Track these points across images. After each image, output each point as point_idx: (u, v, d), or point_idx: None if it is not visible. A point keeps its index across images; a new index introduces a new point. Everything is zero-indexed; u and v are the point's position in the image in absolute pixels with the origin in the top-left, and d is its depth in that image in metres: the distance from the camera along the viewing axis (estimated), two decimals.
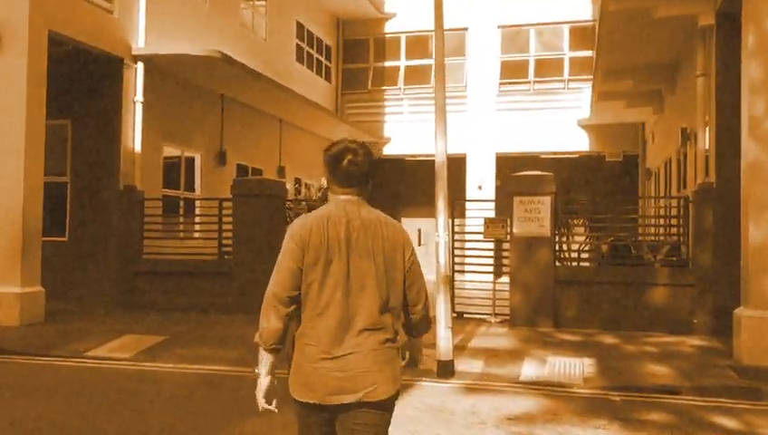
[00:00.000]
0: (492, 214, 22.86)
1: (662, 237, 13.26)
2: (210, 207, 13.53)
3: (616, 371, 7.97)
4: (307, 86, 19.88)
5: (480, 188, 22.33)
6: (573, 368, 8.02)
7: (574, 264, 11.72)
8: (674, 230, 12.24)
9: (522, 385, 7.46)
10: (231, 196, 12.17)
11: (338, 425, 2.89)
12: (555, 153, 22.76)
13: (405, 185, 25.13)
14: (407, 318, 3.08)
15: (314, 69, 21.75)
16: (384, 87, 23.72)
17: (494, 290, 11.28)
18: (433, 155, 8.44)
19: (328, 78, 22.91)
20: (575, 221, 12.33)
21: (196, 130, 15.48)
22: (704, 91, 10.80)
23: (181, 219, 14.73)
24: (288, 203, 12.86)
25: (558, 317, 10.74)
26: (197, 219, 14.79)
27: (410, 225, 21.04)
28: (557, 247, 11.11)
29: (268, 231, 11.87)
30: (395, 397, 2.92)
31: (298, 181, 19.41)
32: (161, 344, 9.34)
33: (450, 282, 7.76)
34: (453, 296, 7.58)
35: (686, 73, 13.35)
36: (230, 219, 12.16)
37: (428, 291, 3.19)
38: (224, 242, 12.60)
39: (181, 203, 14.91)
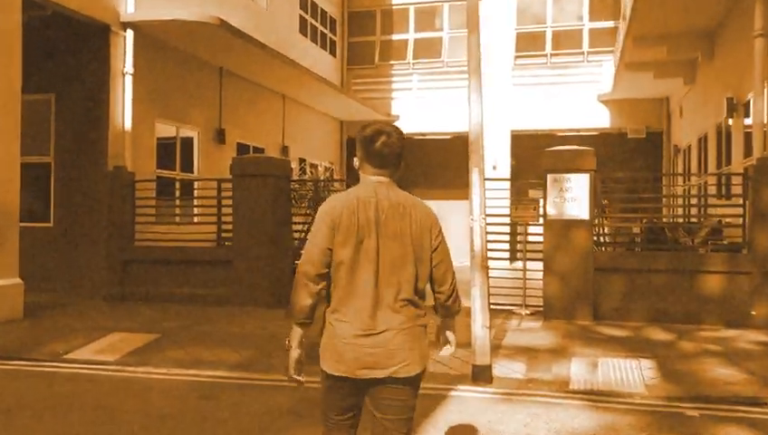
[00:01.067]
0: (505, 191, 21.86)
1: (698, 220, 12.06)
2: (208, 189, 12.36)
3: (680, 375, 6.82)
4: (311, 60, 18.62)
5: (495, 168, 21.09)
6: (631, 372, 6.88)
7: (613, 249, 10.53)
8: (721, 211, 11.05)
9: (574, 394, 6.33)
10: (230, 176, 10.99)
11: (368, 399, 3.04)
12: (573, 130, 21.54)
13: (414, 165, 23.90)
14: (435, 299, 3.19)
15: (318, 42, 20.48)
16: (392, 61, 22.46)
17: (525, 278, 10.12)
18: (445, 133, 7.37)
19: (333, 52, 21.64)
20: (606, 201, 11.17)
21: (193, 105, 14.28)
22: (764, 53, 9.56)
23: (177, 203, 13.56)
24: (293, 184, 11.69)
25: (598, 309, 9.60)
26: (195, 203, 13.64)
27: None
28: (596, 231, 9.93)
29: (272, 214, 10.71)
30: (422, 373, 3.03)
31: (303, 162, 18.21)
32: (153, 344, 8.21)
33: (487, 272, 6.62)
34: (489, 289, 6.51)
35: (733, 36, 12.12)
36: (230, 202, 11.01)
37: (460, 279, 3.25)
38: (223, 227, 11.45)
39: (177, 185, 13.73)
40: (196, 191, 13.95)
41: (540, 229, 10.38)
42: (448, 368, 7.04)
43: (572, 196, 9.61)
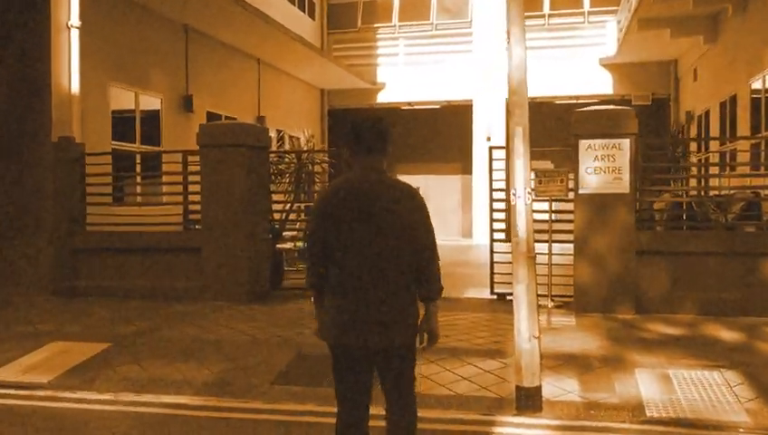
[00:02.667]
0: (500, 165, 20.25)
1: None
2: (173, 162, 10.58)
3: None
4: (287, 22, 16.72)
5: (489, 139, 19.47)
6: (717, 389, 5.33)
7: (658, 228, 8.98)
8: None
9: (655, 425, 4.78)
10: (198, 147, 9.24)
11: (375, 366, 3.39)
12: (573, 97, 19.96)
13: (401, 137, 22.15)
14: (419, 282, 3.39)
15: (296, 2, 18.59)
16: (376, 24, 20.62)
17: (550, 264, 8.53)
18: (434, 103, 5.83)
19: (312, 14, 19.76)
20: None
21: (155, 68, 12.43)
22: None
23: (138, 180, 11.75)
24: (272, 156, 9.97)
25: (641, 299, 8.05)
26: (159, 180, 11.86)
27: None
28: (638, 207, 8.36)
29: (248, 192, 9.00)
30: (414, 341, 3.38)
31: (280, 133, 16.43)
32: (101, 357, 6.51)
33: (534, 265, 5.02)
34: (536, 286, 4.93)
35: None
36: (197, 179, 9.27)
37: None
38: (191, 208, 9.72)
39: (138, 160, 11.91)
40: (162, 167, 12.16)
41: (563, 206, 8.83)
42: (483, 388, 5.44)
43: (611, 165, 8.01)
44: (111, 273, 9.67)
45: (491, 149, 9.49)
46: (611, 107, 8.41)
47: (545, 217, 8.68)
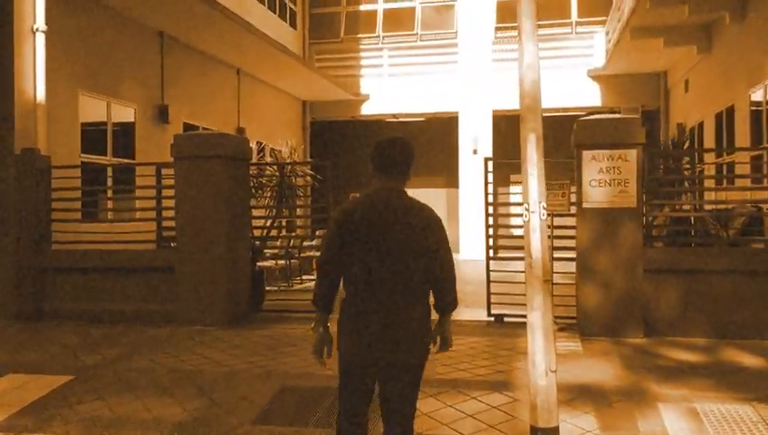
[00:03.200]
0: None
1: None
2: (147, 175, 9.91)
3: None
4: (268, 31, 16.13)
5: (475, 151, 19.02)
6: (753, 427, 4.77)
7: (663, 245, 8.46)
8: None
9: None
10: (173, 159, 8.60)
11: (379, 382, 3.39)
12: (561, 109, 19.57)
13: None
14: (435, 296, 3.51)
15: (277, 11, 18.03)
16: (360, 35, 20.12)
17: (551, 282, 7.95)
18: (419, 115, 5.38)
19: (293, 23, 19.21)
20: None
21: (128, 75, 11.77)
22: None
23: (110, 195, 11.06)
24: (253, 168, 9.35)
25: (650, 321, 7.52)
26: (132, 194, 11.18)
27: None
28: (646, 222, 7.84)
29: (226, 207, 8.37)
30: (424, 362, 3.42)
31: (261, 145, 15.80)
32: (61, 393, 5.83)
33: (550, 290, 4.46)
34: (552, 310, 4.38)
35: None
36: (172, 193, 8.62)
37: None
38: (165, 225, 9.07)
39: (109, 173, 11.22)
40: (136, 181, 11.48)
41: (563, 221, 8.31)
42: (492, 428, 4.84)
43: (617, 177, 7.49)
44: (80, 294, 8.98)
45: (486, 160, 8.95)
46: (617, 115, 8.00)
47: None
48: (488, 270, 8.58)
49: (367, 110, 19.71)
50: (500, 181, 20.14)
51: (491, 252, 8.86)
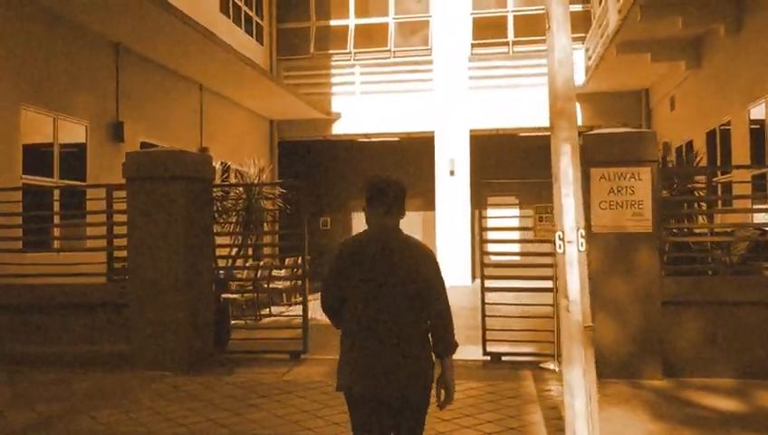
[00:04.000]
0: (465, 200, 18.92)
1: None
2: (100, 199, 8.81)
3: None
4: (233, 46, 15.21)
5: (452, 173, 18.21)
6: None
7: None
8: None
9: None
10: (125, 179, 7.55)
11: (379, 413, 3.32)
12: (539, 130, 18.90)
13: (357, 171, 20.76)
14: (434, 339, 3.42)
15: (242, 25, 17.09)
16: (331, 51, 19.25)
17: (556, 317, 7.07)
18: (392, 135, 4.87)
19: (259, 39, 18.27)
20: None
21: (79, 89, 10.69)
22: None
23: (56, 222, 9.90)
24: (217, 190, 8.35)
25: (670, 360, 6.66)
26: (82, 220, 10.06)
27: (363, 220, 15.93)
28: (663, 248, 7.00)
29: (186, 234, 7.34)
30: (427, 398, 3.38)
31: (225, 166, 14.76)
32: None
33: (591, 343, 3.53)
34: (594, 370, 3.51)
35: None
36: (125, 219, 7.56)
37: None
38: (117, 255, 8.01)
39: (56, 197, 10.07)
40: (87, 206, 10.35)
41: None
42: None
43: (629, 198, 6.66)
44: (19, 335, 7.85)
45: (483, 183, 8.03)
46: (629, 129, 7.12)
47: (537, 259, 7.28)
48: (483, 303, 7.66)
49: (338, 129, 18.79)
50: (478, 204, 19.38)
51: (473, 279, 7.93)
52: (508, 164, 20.11)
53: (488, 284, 7.66)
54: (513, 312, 8.02)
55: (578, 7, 18.44)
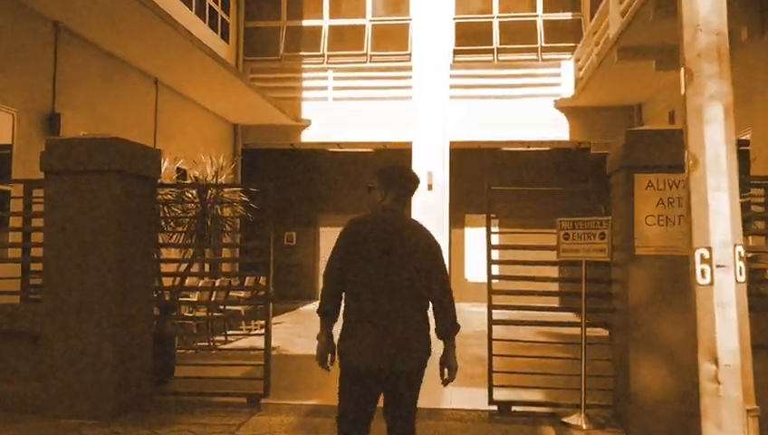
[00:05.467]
0: (444, 217, 17.57)
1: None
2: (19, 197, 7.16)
3: None
4: None
5: (430, 187, 16.83)
6: None
7: None
8: None
9: None
10: (44, 173, 5.96)
11: (381, 386, 3.57)
12: (524, 143, 17.70)
13: (326, 184, 19.25)
14: (436, 320, 3.67)
15: (207, 20, 15.55)
16: (302, 52, 17.78)
17: (583, 359, 5.65)
18: (366, 145, 4.85)
19: (225, 36, 16.74)
20: None
21: (5, 73, 9.05)
22: None
23: None
24: (163, 191, 6.79)
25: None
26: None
27: (332, 236, 13.92)
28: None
29: (122, 245, 5.76)
30: (423, 367, 3.60)
31: (181, 171, 13.13)
32: None
33: (754, 426, 2.20)
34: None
35: None
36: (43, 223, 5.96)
37: None
38: (34, 268, 6.40)
39: None
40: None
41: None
42: None
43: (683, 212, 5.30)
44: None
45: (491, 188, 6.63)
46: (672, 127, 5.79)
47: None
48: (490, 339, 6.19)
49: (308, 137, 17.28)
50: (455, 222, 18.02)
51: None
52: (491, 181, 18.81)
53: (497, 315, 6.19)
54: (522, 350, 6.58)
55: (567, 15, 17.34)
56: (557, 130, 16.85)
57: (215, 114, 15.93)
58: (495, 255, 6.41)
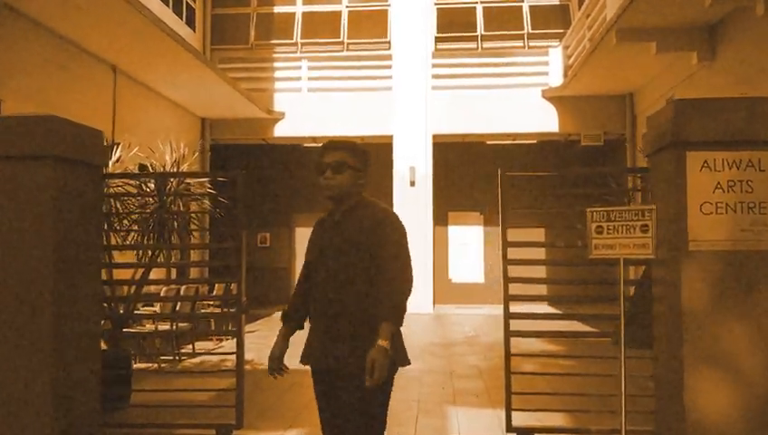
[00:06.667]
0: (427, 214, 16.57)
1: None
2: None
3: None
4: None
5: (413, 183, 15.88)
6: None
7: None
8: None
9: None
10: None
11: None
12: (510, 135, 16.82)
13: (301, 181, 18.17)
14: (376, 301, 3.12)
15: (171, 5, 14.40)
16: (274, 41, 16.72)
17: (623, 374, 4.69)
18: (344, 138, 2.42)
19: (191, 23, 15.60)
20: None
21: None
22: None
23: None
24: (110, 183, 5.72)
25: None
26: None
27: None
28: None
29: (59, 247, 4.66)
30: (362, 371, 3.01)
31: (143, 168, 11.97)
32: None
33: None
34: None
35: None
36: None
37: None
38: None
39: None
40: None
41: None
42: None
43: (747, 199, 4.37)
44: None
45: (505, 175, 5.65)
46: (738, 96, 4.85)
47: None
48: (508, 353, 5.20)
49: (281, 131, 16.20)
50: (438, 220, 17.06)
51: (434, 304, 5.49)
52: (476, 175, 17.94)
53: (515, 324, 5.21)
54: (548, 365, 5.63)
55: (554, 0, 16.50)
56: (545, 121, 16.01)
57: (181, 107, 14.78)
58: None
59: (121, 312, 6.05)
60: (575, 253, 5.25)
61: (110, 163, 6.55)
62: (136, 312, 7.38)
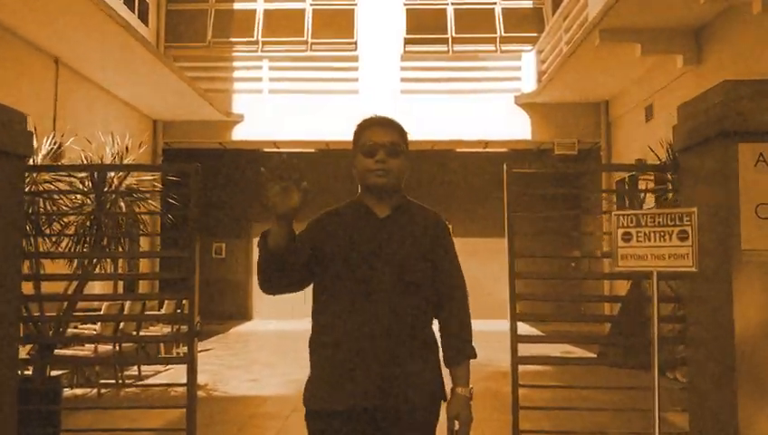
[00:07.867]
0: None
1: None
2: None
3: None
4: None
5: None
6: None
7: None
8: None
9: None
10: None
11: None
12: (481, 143, 16.13)
13: (261, 188, 17.15)
14: (442, 338, 2.64)
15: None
16: (233, 39, 15.76)
17: (656, 400, 3.89)
18: (307, 144, 2.91)
19: (144, 18, 14.56)
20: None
21: None
22: None
23: None
24: (38, 177, 4.76)
25: None
26: None
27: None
28: None
29: None
30: (435, 415, 2.49)
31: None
32: None
33: None
34: None
35: None
36: None
37: None
38: None
39: None
40: None
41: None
42: None
43: None
44: None
45: (510, 171, 4.86)
46: None
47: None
48: (515, 383, 4.37)
49: (240, 134, 15.22)
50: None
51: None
52: (445, 184, 17.23)
53: (523, 349, 4.38)
54: (563, 398, 4.83)
55: (528, 3, 15.92)
56: (518, 128, 15.36)
57: (131, 106, 13.71)
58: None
59: (51, 333, 5.06)
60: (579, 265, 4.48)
61: (41, 156, 5.56)
62: (72, 331, 6.38)
